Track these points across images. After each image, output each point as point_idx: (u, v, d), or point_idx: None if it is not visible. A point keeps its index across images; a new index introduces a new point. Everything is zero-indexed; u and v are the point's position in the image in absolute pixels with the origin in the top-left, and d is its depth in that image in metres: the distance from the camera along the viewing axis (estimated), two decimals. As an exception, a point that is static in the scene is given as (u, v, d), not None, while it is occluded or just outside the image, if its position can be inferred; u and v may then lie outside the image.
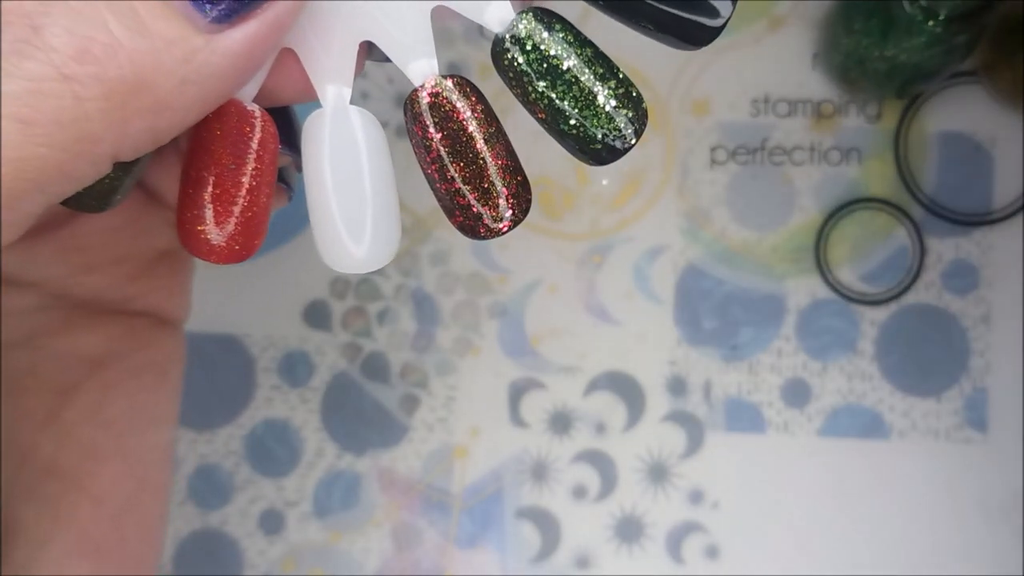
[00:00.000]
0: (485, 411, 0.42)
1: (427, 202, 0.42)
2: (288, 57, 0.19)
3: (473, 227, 0.20)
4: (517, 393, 0.42)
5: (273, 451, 0.42)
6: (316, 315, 0.42)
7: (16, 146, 0.16)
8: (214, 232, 0.19)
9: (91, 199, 0.19)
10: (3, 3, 0.16)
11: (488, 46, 0.19)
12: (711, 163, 0.42)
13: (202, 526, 0.41)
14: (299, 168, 0.20)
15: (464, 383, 0.42)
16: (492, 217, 0.19)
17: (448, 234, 0.41)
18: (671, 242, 0.41)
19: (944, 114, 0.41)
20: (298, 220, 0.42)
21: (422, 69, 0.19)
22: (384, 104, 0.41)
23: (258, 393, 0.42)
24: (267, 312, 0.42)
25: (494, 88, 0.20)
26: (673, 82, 0.41)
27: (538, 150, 0.20)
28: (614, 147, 0.19)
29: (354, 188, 0.19)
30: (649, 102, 0.19)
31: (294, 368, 0.42)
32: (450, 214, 0.20)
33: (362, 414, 0.42)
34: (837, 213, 0.41)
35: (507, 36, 0.19)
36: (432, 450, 0.42)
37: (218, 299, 0.42)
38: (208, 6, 0.17)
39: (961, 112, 0.41)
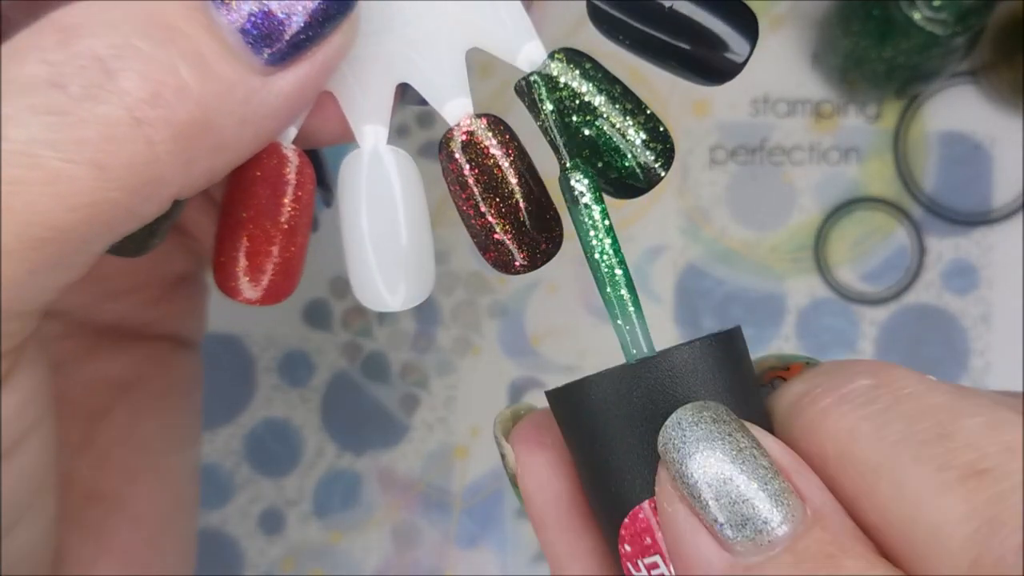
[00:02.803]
0: (485, 411, 0.42)
1: (427, 202, 0.42)
2: (326, 100, 0.19)
3: (507, 262, 0.20)
4: (517, 393, 0.42)
5: (273, 451, 0.42)
6: (316, 315, 0.42)
7: (90, 192, 0.16)
8: (251, 274, 0.20)
9: (131, 245, 0.19)
10: (77, 48, 0.16)
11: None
12: (711, 163, 0.42)
13: (202, 526, 0.41)
14: (327, 203, 0.21)
15: (464, 383, 0.42)
16: (526, 252, 0.20)
17: (448, 233, 0.41)
18: (671, 242, 0.41)
19: (943, 114, 0.41)
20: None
21: (457, 109, 0.20)
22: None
23: (258, 393, 0.42)
24: (267, 312, 0.42)
25: (494, 88, 0.21)
26: (673, 82, 0.41)
27: (538, 151, 0.20)
28: (644, 181, 0.19)
29: (390, 228, 0.20)
30: (649, 102, 0.20)
31: (294, 368, 0.42)
32: (484, 249, 0.20)
33: (362, 414, 0.42)
34: (836, 213, 0.41)
35: (538, 75, 0.19)
36: (432, 450, 0.42)
37: (218, 299, 0.42)
38: (265, 49, 0.17)
39: (960, 112, 0.41)
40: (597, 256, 0.18)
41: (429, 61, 0.19)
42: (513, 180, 0.19)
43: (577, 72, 0.19)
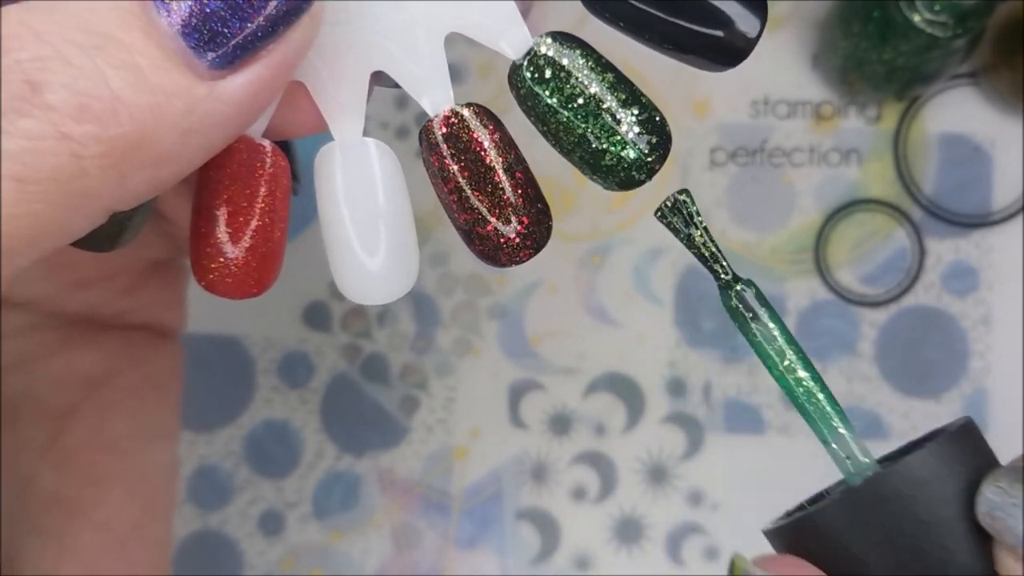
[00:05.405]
0: (485, 412, 0.42)
1: (427, 203, 0.42)
2: (297, 90, 0.19)
3: (493, 255, 0.19)
4: (517, 394, 0.42)
5: (273, 452, 0.42)
6: (316, 316, 0.42)
7: (11, 204, 0.15)
8: (228, 269, 0.19)
9: (101, 241, 0.19)
10: (3, 61, 0.15)
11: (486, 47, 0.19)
12: (711, 164, 0.42)
13: (202, 527, 0.41)
14: (294, 191, 0.20)
15: (464, 384, 0.42)
16: (512, 245, 0.19)
17: (448, 234, 0.41)
18: (671, 243, 0.41)
19: (943, 116, 0.41)
20: (297, 222, 0.42)
21: (437, 100, 0.19)
22: (384, 104, 0.41)
23: (258, 394, 0.42)
24: (267, 313, 0.42)
25: (493, 89, 0.20)
26: (673, 83, 0.41)
27: (537, 151, 0.20)
28: (639, 173, 0.19)
29: (370, 222, 0.19)
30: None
31: (294, 369, 0.42)
32: (469, 242, 0.19)
33: (362, 415, 0.42)
34: (836, 214, 0.41)
35: (526, 63, 0.18)
36: (432, 451, 0.42)
37: (217, 300, 0.42)
38: (208, 53, 0.16)
39: (960, 114, 0.41)
40: (789, 380, 0.17)
41: (405, 49, 0.18)
42: (500, 172, 0.18)
43: (567, 60, 0.18)
